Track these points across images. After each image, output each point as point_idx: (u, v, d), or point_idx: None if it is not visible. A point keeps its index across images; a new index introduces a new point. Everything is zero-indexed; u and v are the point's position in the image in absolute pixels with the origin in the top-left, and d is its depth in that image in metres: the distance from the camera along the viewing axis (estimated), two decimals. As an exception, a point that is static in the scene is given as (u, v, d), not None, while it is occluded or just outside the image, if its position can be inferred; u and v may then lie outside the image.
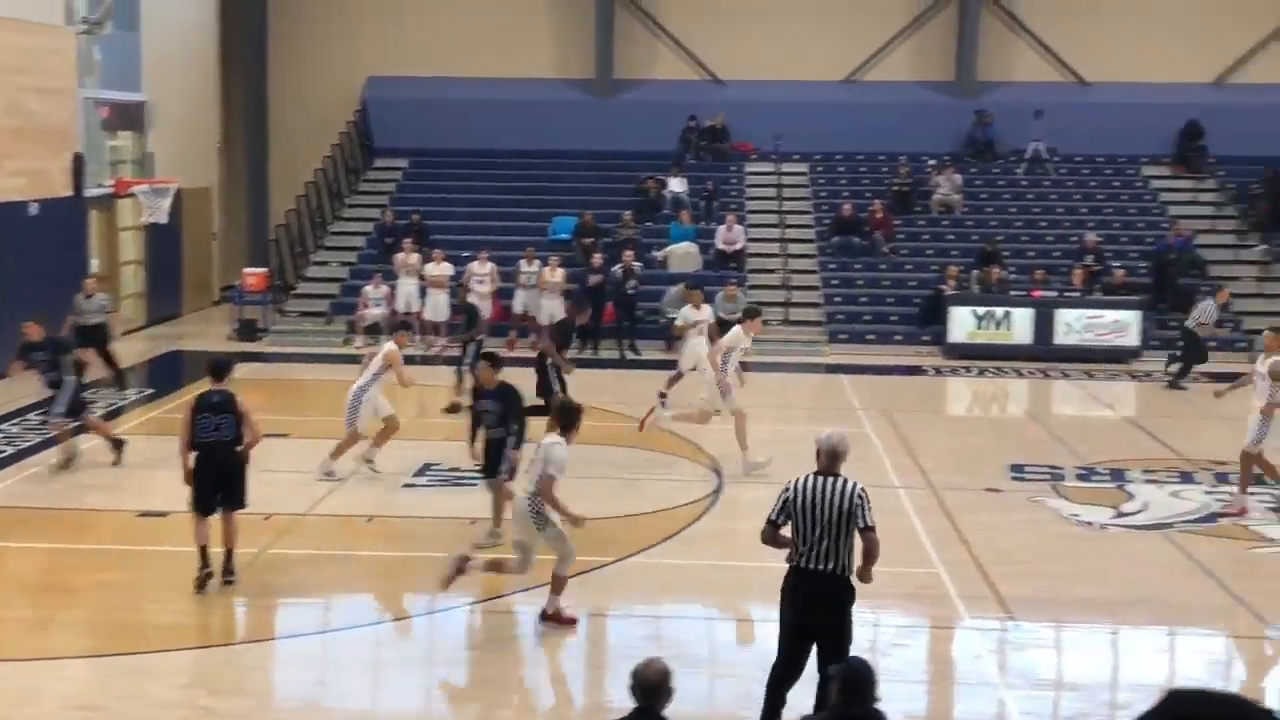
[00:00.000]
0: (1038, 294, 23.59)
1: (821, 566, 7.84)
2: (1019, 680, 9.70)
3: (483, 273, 23.63)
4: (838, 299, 25.30)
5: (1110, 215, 27.21)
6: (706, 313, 18.19)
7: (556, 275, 23.65)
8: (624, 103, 29.56)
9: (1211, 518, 13.36)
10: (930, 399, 20.89)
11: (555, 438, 9.93)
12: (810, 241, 27.04)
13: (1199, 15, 28.76)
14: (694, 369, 17.39)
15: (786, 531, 8.04)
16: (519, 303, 23.95)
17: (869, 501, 7.93)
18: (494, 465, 11.95)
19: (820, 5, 29.52)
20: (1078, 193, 28.03)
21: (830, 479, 7.95)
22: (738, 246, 25.75)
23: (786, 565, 8.06)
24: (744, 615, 11.05)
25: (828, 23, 29.46)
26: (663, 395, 17.52)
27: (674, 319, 22.96)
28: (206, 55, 29.02)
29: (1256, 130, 27.47)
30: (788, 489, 8.03)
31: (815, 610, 7.91)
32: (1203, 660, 10.34)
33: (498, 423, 11.88)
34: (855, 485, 7.94)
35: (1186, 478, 14.89)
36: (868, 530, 7.86)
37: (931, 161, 28.51)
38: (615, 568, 11.62)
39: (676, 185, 27.41)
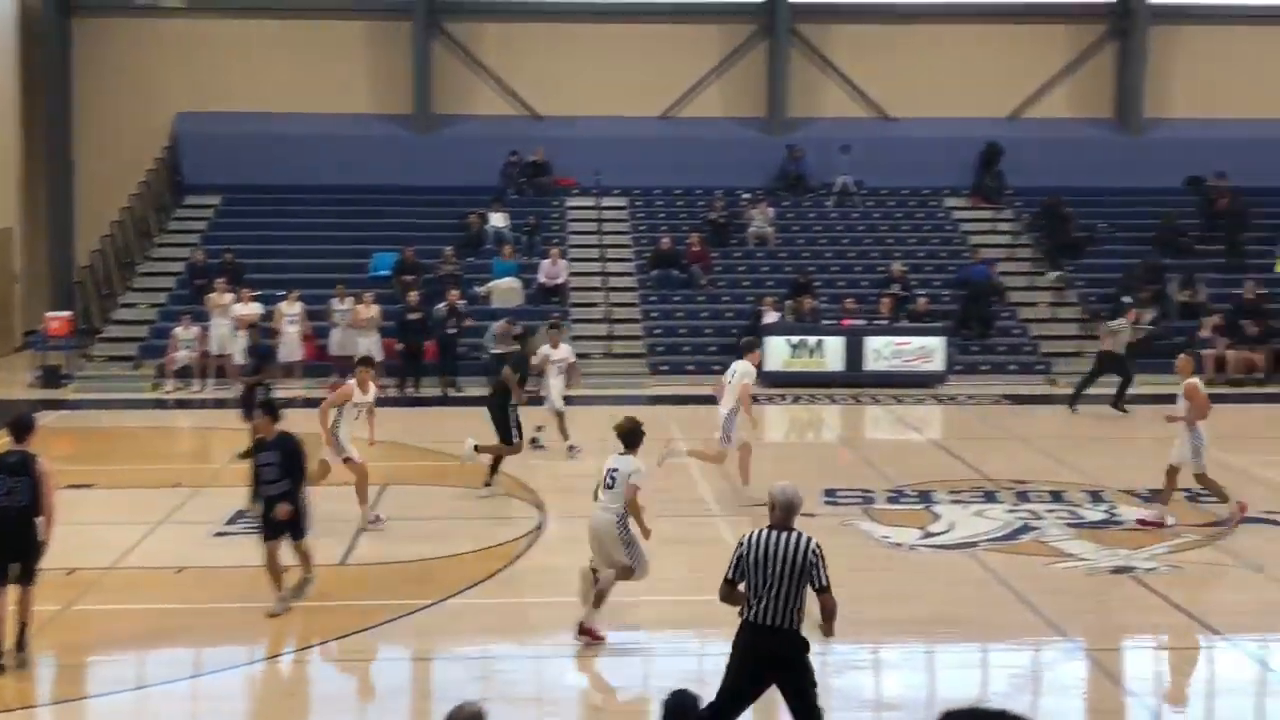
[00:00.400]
0: (848, 323, 24.34)
1: (773, 621, 7.76)
2: (838, 703, 9.94)
3: (292, 312, 23.27)
4: (658, 331, 25.65)
5: (915, 245, 28.26)
6: (565, 351, 18.11)
7: (371, 312, 23.44)
8: (444, 138, 29.51)
9: (1014, 535, 13.96)
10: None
11: (629, 457, 10.55)
12: (630, 275, 27.37)
13: (994, 53, 30.13)
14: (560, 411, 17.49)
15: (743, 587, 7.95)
16: (335, 342, 23.62)
17: (824, 560, 7.85)
18: (278, 522, 11.15)
19: (636, 43, 30.00)
20: (884, 224, 29.04)
21: (784, 534, 7.86)
22: (560, 281, 25.92)
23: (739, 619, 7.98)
24: (568, 652, 11.09)
25: (643, 60, 29.95)
26: (571, 446, 17.28)
27: (496, 352, 23.08)
28: (5, 90, 27.96)
29: (1049, 162, 28.89)
30: (741, 544, 7.94)
31: (765, 668, 7.82)
32: (1008, 675, 10.77)
33: (279, 476, 11.18)
34: (809, 541, 7.86)
35: (990, 497, 15.51)
36: (823, 591, 7.80)
37: (746, 195, 29.18)
38: (437, 609, 11.54)
39: (498, 220, 27.47)
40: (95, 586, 12.13)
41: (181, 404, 22.62)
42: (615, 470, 10.53)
